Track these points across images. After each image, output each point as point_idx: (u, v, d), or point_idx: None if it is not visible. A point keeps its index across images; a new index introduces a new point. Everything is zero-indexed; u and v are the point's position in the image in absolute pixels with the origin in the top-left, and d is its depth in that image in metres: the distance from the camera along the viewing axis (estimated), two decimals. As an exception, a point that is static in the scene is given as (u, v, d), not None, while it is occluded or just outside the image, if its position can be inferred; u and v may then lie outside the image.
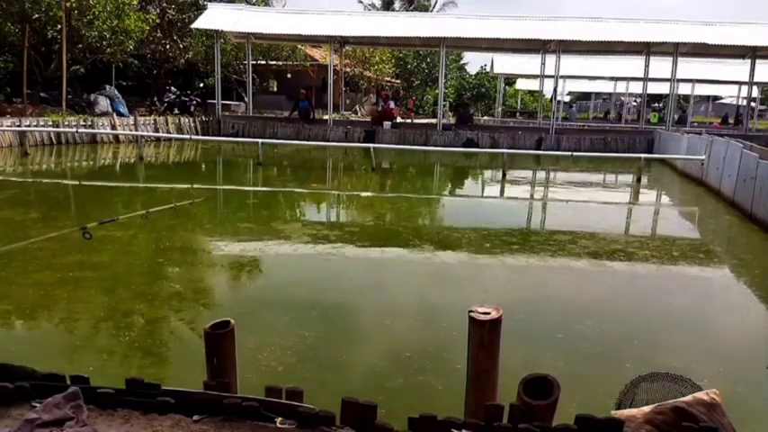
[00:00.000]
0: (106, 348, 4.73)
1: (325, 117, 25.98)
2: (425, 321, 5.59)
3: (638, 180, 16.37)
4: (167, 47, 27.87)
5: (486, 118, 39.13)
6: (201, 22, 24.28)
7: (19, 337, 5.04)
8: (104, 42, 23.04)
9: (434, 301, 6.18)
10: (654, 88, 37.49)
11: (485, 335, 2.55)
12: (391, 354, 4.78)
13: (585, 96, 60.91)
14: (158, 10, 27.51)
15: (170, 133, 22.70)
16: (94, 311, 5.46)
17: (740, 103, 41.23)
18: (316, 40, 31.11)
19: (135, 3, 23.78)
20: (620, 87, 42.87)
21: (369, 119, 27.63)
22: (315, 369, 4.39)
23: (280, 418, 1.88)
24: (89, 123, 20.54)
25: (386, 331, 5.30)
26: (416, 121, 31.40)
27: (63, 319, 5.31)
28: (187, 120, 24.36)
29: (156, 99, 27.68)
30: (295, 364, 4.45)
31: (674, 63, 24.34)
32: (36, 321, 5.32)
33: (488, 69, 45.26)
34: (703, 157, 14.65)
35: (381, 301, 6.12)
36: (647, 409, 2.17)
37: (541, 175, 19.43)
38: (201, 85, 33.07)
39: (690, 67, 31.06)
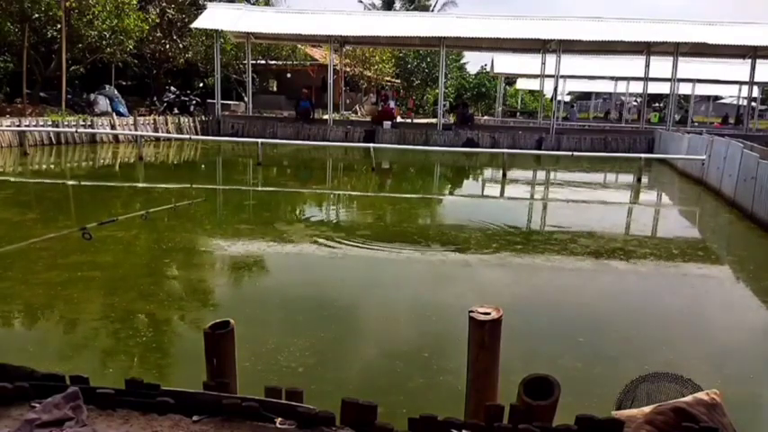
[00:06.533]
0: (116, 349, 4.73)
1: (325, 117, 25.97)
2: (437, 321, 5.57)
3: (639, 180, 16.37)
4: (167, 46, 27.87)
5: (486, 118, 39.10)
6: (201, 22, 24.28)
7: (30, 336, 5.04)
8: (104, 42, 23.05)
9: (447, 301, 6.15)
10: (654, 88, 37.46)
11: (485, 335, 2.55)
12: (406, 354, 4.77)
13: (586, 96, 60.88)
14: (158, 10, 27.52)
15: (170, 133, 22.70)
16: (98, 312, 5.46)
17: (741, 103, 41.23)
18: (316, 40, 31.12)
19: (135, 2, 23.79)
20: (621, 87, 42.84)
21: (369, 119, 27.63)
22: (335, 369, 4.39)
23: (279, 419, 1.88)
24: (89, 123, 20.54)
25: (398, 331, 5.30)
26: (416, 120, 31.40)
27: (67, 320, 5.31)
28: (187, 119, 24.36)
29: (155, 99, 27.67)
30: (315, 365, 4.45)
31: (675, 63, 24.34)
32: (42, 321, 5.33)
33: (488, 69, 45.26)
34: (704, 157, 14.64)
35: (390, 302, 6.12)
36: (647, 409, 2.16)
37: (542, 174, 19.43)
38: (201, 84, 33.06)
39: (690, 67, 31.06)
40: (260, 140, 17.15)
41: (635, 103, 47.94)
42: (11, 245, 6.76)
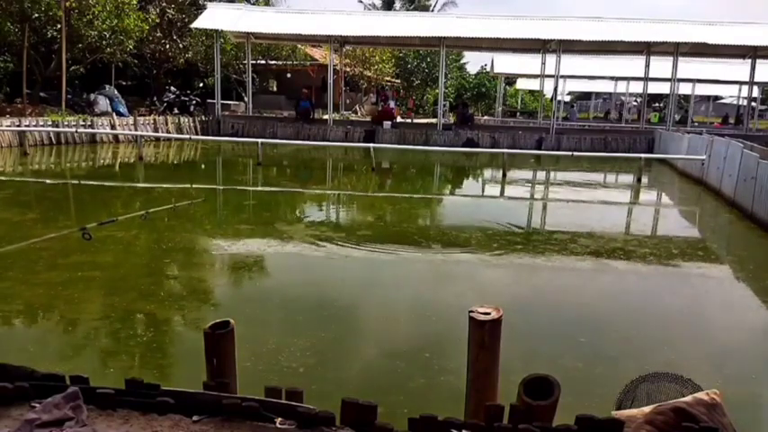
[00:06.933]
0: (116, 349, 4.73)
1: (325, 117, 25.97)
2: (438, 321, 5.56)
3: (639, 180, 16.36)
4: (167, 46, 27.86)
5: (486, 118, 39.10)
6: (201, 22, 24.28)
7: (30, 336, 5.03)
8: (104, 42, 23.04)
9: (447, 301, 6.14)
10: (654, 88, 37.44)
11: (485, 335, 2.55)
12: (406, 353, 4.77)
13: (586, 96, 60.85)
14: (158, 10, 27.51)
15: (170, 133, 22.70)
16: (98, 312, 5.46)
17: (741, 103, 41.22)
18: (316, 40, 31.11)
19: (135, 2, 23.78)
20: (621, 87, 42.82)
21: (369, 119, 27.63)
22: (335, 369, 4.38)
23: (279, 419, 1.88)
24: (89, 123, 20.54)
25: (399, 331, 5.29)
26: (416, 120, 31.39)
27: (67, 320, 5.31)
28: (187, 119, 24.36)
29: (155, 99, 27.67)
30: (315, 364, 4.44)
31: (675, 63, 24.34)
32: (42, 321, 5.32)
33: (488, 69, 45.25)
34: (704, 156, 14.64)
35: (391, 302, 6.11)
36: (647, 409, 2.16)
37: (542, 174, 19.43)
38: (201, 84, 33.04)
39: (690, 67, 31.05)
40: (260, 140, 17.14)
41: (635, 103, 47.92)
42: (11, 245, 6.76)
